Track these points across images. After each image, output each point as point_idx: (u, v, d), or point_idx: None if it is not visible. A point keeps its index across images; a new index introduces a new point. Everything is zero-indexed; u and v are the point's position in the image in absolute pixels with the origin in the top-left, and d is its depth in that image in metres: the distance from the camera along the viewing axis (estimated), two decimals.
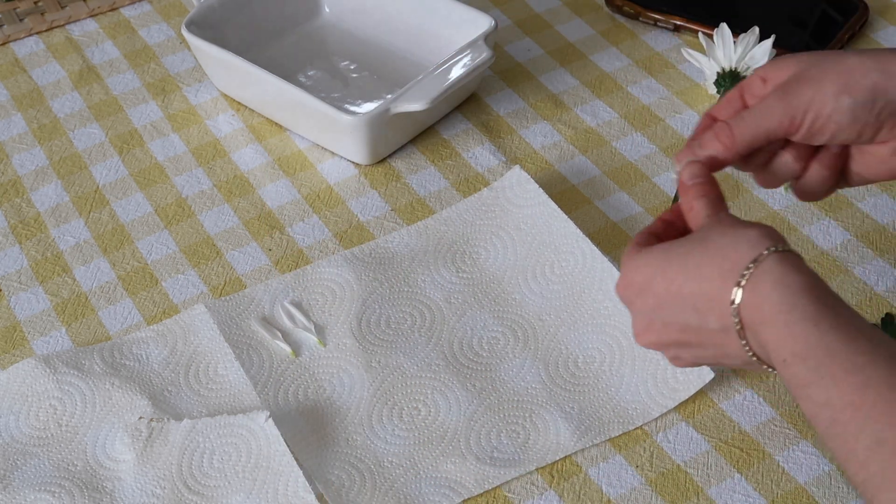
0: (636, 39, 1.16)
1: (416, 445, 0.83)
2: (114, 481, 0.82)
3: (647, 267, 0.70)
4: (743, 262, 0.66)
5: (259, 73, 1.02)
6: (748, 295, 0.65)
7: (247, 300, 0.92)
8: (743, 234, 0.67)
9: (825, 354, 0.62)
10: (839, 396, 0.62)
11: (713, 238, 0.68)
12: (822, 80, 0.72)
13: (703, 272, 0.67)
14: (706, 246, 0.68)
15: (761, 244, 0.66)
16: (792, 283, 0.64)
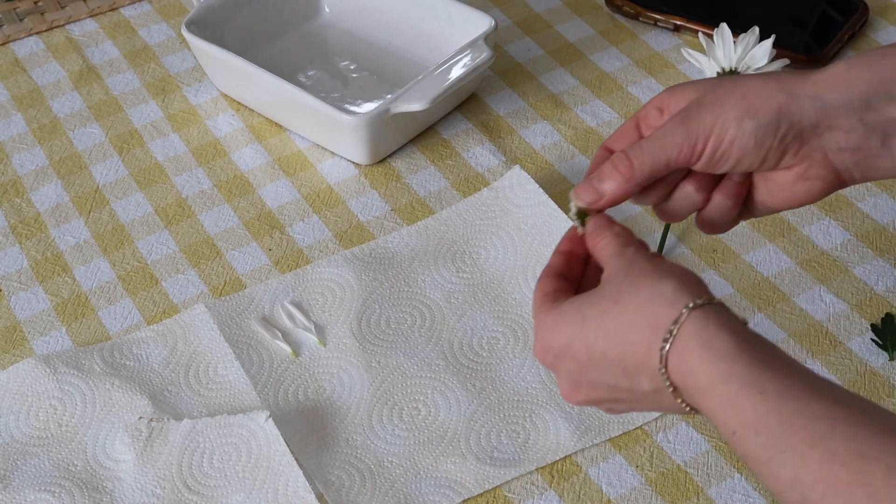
0: (636, 39, 1.16)
1: (416, 445, 0.83)
2: (114, 481, 0.82)
3: (561, 332, 0.65)
4: (664, 323, 0.61)
5: (259, 73, 1.02)
6: (676, 360, 0.61)
7: (247, 300, 0.92)
8: (658, 289, 0.62)
9: (779, 425, 0.57)
10: (807, 473, 0.56)
11: (628, 296, 0.63)
12: (723, 105, 0.68)
13: (626, 336, 0.63)
14: (622, 306, 0.63)
15: (679, 300, 0.61)
16: (721, 346, 0.59)
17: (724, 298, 0.92)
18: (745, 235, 0.97)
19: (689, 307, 0.61)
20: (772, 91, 0.68)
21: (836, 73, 0.69)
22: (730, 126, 0.68)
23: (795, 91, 0.68)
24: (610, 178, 0.69)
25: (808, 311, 0.91)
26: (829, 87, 0.68)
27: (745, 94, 0.68)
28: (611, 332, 0.63)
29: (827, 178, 0.70)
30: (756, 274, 0.94)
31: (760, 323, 0.90)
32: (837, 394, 0.58)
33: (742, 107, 0.68)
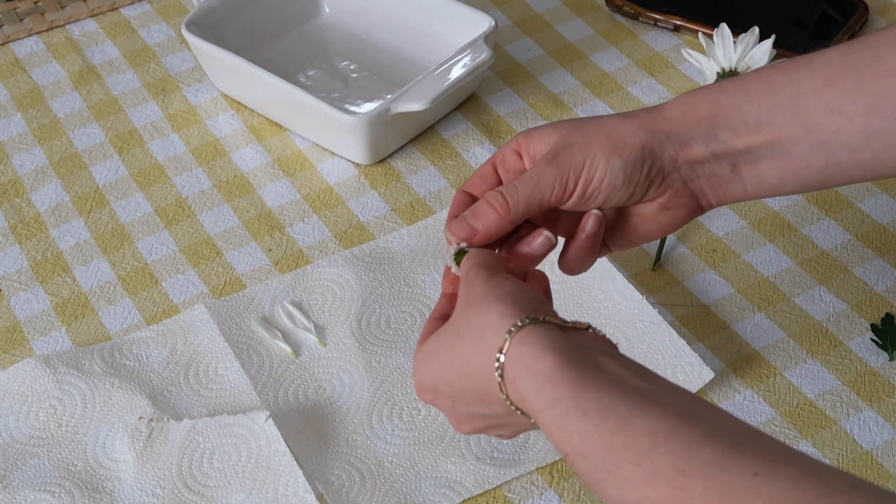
0: (636, 39, 1.16)
1: (416, 445, 0.83)
2: (114, 481, 0.82)
3: (427, 372, 0.67)
4: (492, 352, 0.61)
5: (259, 73, 1.02)
6: (511, 387, 0.61)
7: (247, 300, 0.92)
8: (486, 316, 0.63)
9: (603, 447, 0.57)
10: (632, 493, 0.56)
11: (465, 328, 0.64)
12: (591, 145, 0.71)
13: (470, 369, 0.63)
14: (462, 339, 0.64)
15: (502, 326, 0.61)
16: (545, 369, 0.59)
17: (724, 298, 0.92)
18: (745, 235, 0.97)
19: (511, 332, 0.61)
20: (633, 129, 0.72)
21: (684, 111, 0.72)
22: (599, 164, 0.71)
23: (653, 128, 0.72)
24: (485, 216, 0.70)
25: (808, 311, 0.91)
26: (680, 123, 0.72)
27: (609, 134, 0.71)
28: (458, 366, 0.64)
29: (688, 205, 0.74)
30: (756, 274, 0.94)
31: (760, 323, 0.90)
32: (665, 405, 0.57)
33: (609, 146, 0.71)
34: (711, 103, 0.73)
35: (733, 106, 0.72)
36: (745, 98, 0.72)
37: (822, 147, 0.71)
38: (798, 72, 0.72)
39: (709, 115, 0.72)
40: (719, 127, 0.72)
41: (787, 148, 0.72)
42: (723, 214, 0.98)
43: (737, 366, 0.88)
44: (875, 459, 0.82)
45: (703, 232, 0.97)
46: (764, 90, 0.72)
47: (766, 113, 0.72)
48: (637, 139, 0.72)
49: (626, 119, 0.72)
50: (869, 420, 0.84)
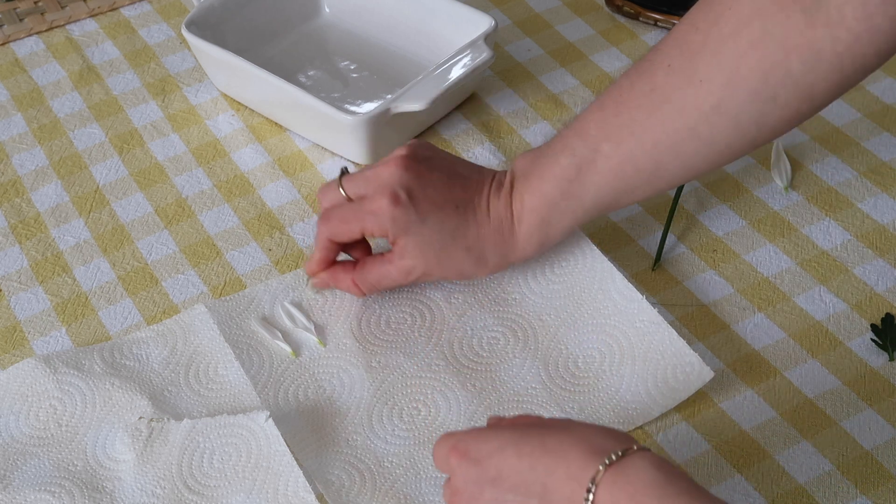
0: (636, 39, 1.16)
1: (417, 445, 0.83)
2: (114, 481, 0.82)
3: (499, 459, 0.69)
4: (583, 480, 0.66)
5: (259, 73, 1.02)
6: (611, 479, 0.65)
7: (247, 300, 0.92)
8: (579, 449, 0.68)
9: None
10: None
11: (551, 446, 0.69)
12: (445, 278, 0.89)
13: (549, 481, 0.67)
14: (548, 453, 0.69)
15: (596, 460, 0.67)
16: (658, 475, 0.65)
17: (724, 298, 0.92)
18: (745, 235, 0.97)
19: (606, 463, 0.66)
20: (486, 272, 0.89)
21: (535, 243, 0.88)
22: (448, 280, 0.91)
23: (503, 265, 0.89)
24: (342, 287, 0.91)
25: (808, 311, 0.91)
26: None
27: (461, 274, 0.88)
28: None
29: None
30: (756, 274, 0.94)
31: (760, 323, 0.90)
32: None
33: (459, 277, 0.89)
34: (563, 233, 0.88)
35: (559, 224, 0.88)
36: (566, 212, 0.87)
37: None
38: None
39: (558, 241, 0.90)
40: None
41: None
42: (723, 214, 0.98)
43: (737, 366, 0.88)
44: (875, 459, 0.82)
45: (703, 232, 0.97)
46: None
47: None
48: (484, 275, 0.89)
49: (479, 265, 0.87)
50: (869, 420, 0.84)
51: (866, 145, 1.04)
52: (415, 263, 0.87)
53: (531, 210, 0.86)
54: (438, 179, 0.87)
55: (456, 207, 0.86)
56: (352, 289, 0.90)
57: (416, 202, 0.85)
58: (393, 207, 0.85)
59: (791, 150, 1.03)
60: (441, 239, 0.86)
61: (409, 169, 0.86)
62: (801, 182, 1.01)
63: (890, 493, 0.80)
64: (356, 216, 0.87)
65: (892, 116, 1.07)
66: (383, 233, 0.86)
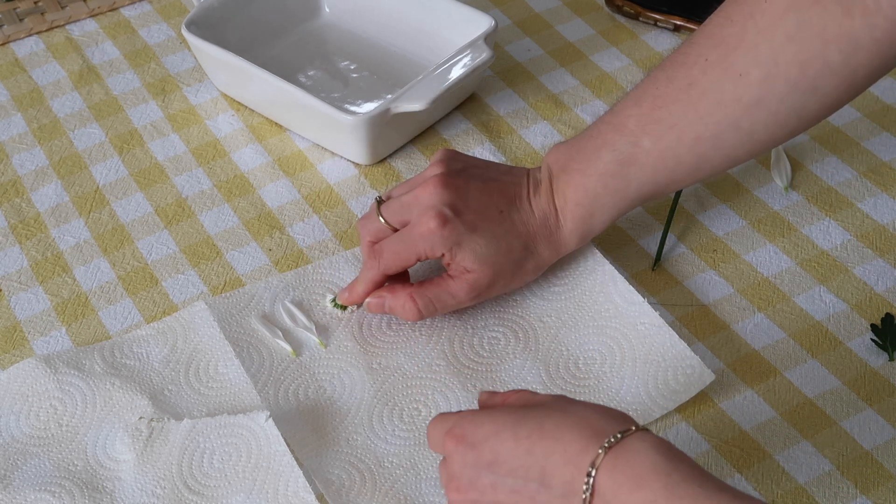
0: (636, 39, 1.16)
1: (417, 446, 0.83)
2: (114, 481, 0.82)
3: (496, 443, 0.69)
4: (583, 463, 0.66)
5: (259, 73, 1.02)
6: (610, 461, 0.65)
7: (247, 297, 0.92)
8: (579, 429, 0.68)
9: None
10: None
11: (548, 428, 0.68)
12: (508, 287, 0.90)
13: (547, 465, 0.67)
14: (545, 436, 0.68)
15: (596, 441, 0.66)
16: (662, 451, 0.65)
17: (724, 298, 0.92)
18: (745, 235, 0.97)
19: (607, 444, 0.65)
20: (547, 259, 0.90)
21: (582, 231, 0.89)
22: (508, 290, 0.90)
23: (559, 249, 0.90)
24: (398, 313, 0.88)
25: (808, 311, 0.91)
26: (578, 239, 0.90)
27: (525, 276, 0.89)
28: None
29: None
30: (756, 274, 0.94)
31: (760, 323, 0.90)
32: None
33: (524, 282, 0.90)
34: (607, 223, 0.89)
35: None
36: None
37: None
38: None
39: (600, 232, 0.90)
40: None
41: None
42: (723, 214, 0.98)
43: (737, 366, 0.88)
44: (875, 459, 0.82)
45: (703, 232, 0.97)
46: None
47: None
48: (538, 274, 0.90)
49: (537, 262, 0.88)
50: (869, 420, 0.84)
51: (866, 145, 1.04)
52: (478, 276, 0.86)
53: (576, 204, 0.87)
54: (476, 189, 0.87)
55: (500, 212, 0.87)
56: (408, 305, 0.87)
57: (461, 216, 0.85)
58: (442, 228, 0.85)
59: (791, 150, 1.03)
60: (496, 245, 0.86)
61: (447, 186, 0.86)
62: (801, 182, 1.01)
63: (890, 493, 0.80)
64: (407, 246, 0.86)
65: (892, 116, 1.07)
66: (436, 254, 0.86)
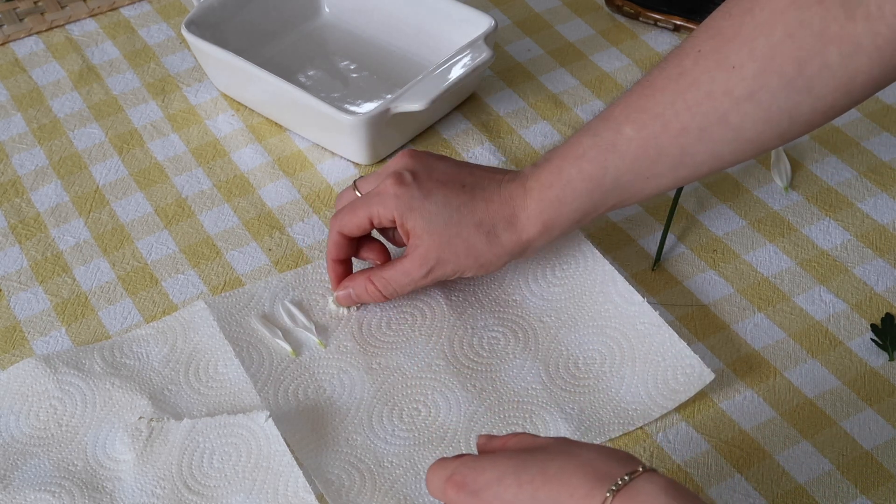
0: (636, 39, 1.16)
1: (417, 446, 0.83)
2: (114, 481, 0.82)
3: (499, 489, 0.66)
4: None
5: (259, 73, 1.02)
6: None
7: (247, 297, 0.92)
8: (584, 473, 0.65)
9: None
10: None
11: (553, 473, 0.66)
12: (462, 267, 0.87)
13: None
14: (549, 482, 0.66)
15: (603, 485, 0.64)
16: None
17: (724, 298, 0.92)
18: (745, 235, 0.97)
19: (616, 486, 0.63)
20: (500, 256, 0.86)
21: (548, 232, 0.86)
22: (465, 275, 0.87)
23: (518, 254, 0.87)
24: (364, 297, 0.90)
25: (808, 311, 0.91)
26: (544, 242, 0.87)
27: (478, 259, 0.86)
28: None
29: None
30: (756, 274, 0.94)
31: (760, 323, 0.90)
32: None
33: (476, 266, 0.86)
34: (575, 218, 0.86)
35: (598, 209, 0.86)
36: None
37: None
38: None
39: (573, 225, 0.87)
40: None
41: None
42: (723, 214, 0.98)
43: (737, 366, 0.88)
44: (875, 459, 0.82)
45: (703, 232, 0.97)
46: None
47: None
48: (502, 262, 0.87)
49: (492, 244, 0.85)
50: (869, 420, 0.84)
51: (866, 145, 1.04)
52: (426, 248, 0.85)
53: (546, 186, 0.85)
54: (445, 165, 0.87)
55: (462, 186, 0.86)
56: (369, 288, 0.88)
57: (419, 181, 0.85)
58: (397, 186, 0.85)
59: (791, 150, 1.03)
60: (447, 214, 0.85)
61: (414, 156, 0.87)
62: (801, 182, 1.01)
63: (890, 493, 0.80)
64: (363, 203, 0.87)
65: (892, 116, 1.07)
66: (389, 214, 0.85)
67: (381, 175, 0.88)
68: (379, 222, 0.86)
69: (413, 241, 0.86)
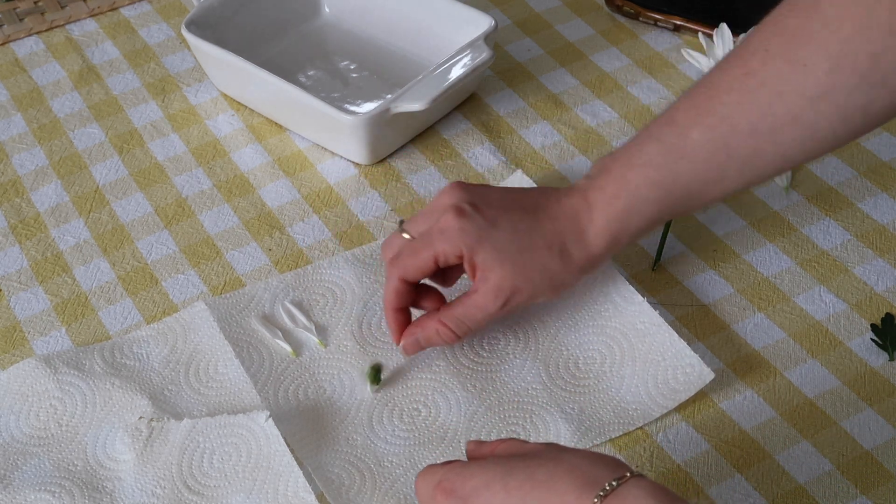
0: (636, 39, 1.16)
1: (417, 446, 0.83)
2: (114, 481, 0.82)
3: (487, 497, 0.66)
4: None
5: (259, 73, 1.02)
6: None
7: (247, 298, 0.92)
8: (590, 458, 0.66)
9: None
10: None
11: (541, 478, 0.66)
12: (536, 293, 0.83)
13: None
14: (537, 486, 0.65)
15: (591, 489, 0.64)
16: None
17: (724, 298, 0.92)
18: (745, 235, 0.97)
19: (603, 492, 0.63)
20: (574, 274, 0.83)
21: (615, 245, 0.83)
22: (540, 300, 0.84)
23: (590, 269, 0.84)
24: (434, 342, 0.85)
25: (808, 311, 0.91)
26: (609, 255, 0.84)
27: (552, 281, 0.82)
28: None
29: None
30: (756, 274, 0.94)
31: (760, 323, 0.90)
32: None
33: (552, 290, 0.83)
34: (643, 228, 0.83)
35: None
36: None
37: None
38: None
39: (640, 235, 0.84)
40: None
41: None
42: (723, 214, 0.98)
43: (737, 366, 0.88)
44: (875, 459, 0.82)
45: (703, 232, 0.97)
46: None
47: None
48: (575, 281, 0.84)
49: (566, 263, 0.82)
50: (869, 420, 0.84)
51: (866, 145, 1.04)
52: (500, 278, 0.81)
53: (613, 196, 0.81)
54: (497, 192, 0.84)
55: (524, 209, 0.82)
56: (441, 331, 0.83)
57: (481, 210, 0.81)
58: (460, 219, 0.80)
59: None
60: (517, 240, 0.81)
61: (464, 188, 0.83)
62: (801, 182, 1.01)
63: (890, 493, 0.80)
64: (425, 243, 0.82)
65: None
66: (456, 250, 0.81)
67: (435, 212, 0.83)
68: (445, 261, 0.82)
69: (483, 273, 0.81)
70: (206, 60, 1.08)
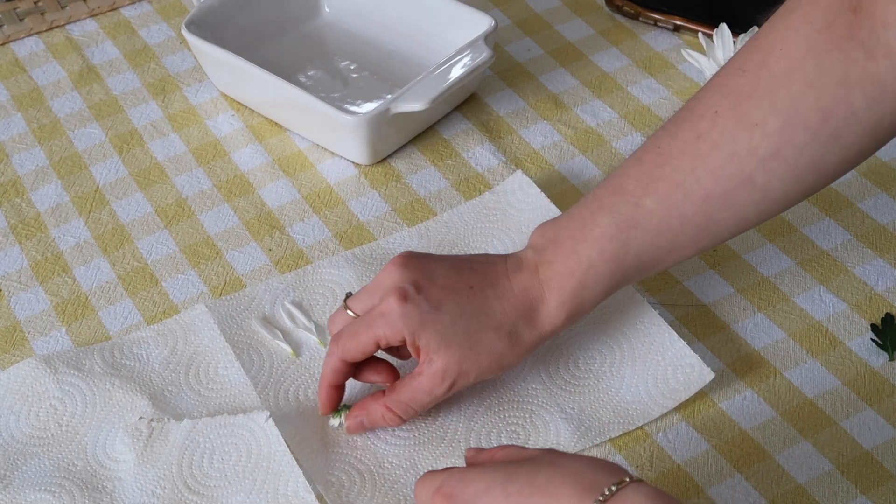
0: (636, 39, 1.16)
1: (417, 446, 0.83)
2: (114, 481, 0.82)
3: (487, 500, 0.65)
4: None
5: (259, 73, 1.02)
6: None
7: (247, 300, 0.92)
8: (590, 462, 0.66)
9: None
10: None
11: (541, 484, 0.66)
12: (482, 372, 0.80)
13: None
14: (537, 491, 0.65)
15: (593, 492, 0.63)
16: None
17: (724, 298, 0.92)
18: (745, 235, 0.97)
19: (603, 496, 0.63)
20: (520, 354, 0.81)
21: (559, 323, 0.81)
22: (488, 376, 0.81)
23: (535, 347, 0.81)
24: (379, 424, 0.82)
25: (808, 311, 0.91)
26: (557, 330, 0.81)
27: (499, 361, 0.80)
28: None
29: None
30: (756, 274, 0.94)
31: (760, 323, 0.90)
32: None
33: (498, 368, 0.80)
34: (597, 300, 0.81)
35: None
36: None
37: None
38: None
39: (594, 306, 0.82)
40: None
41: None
42: None
43: (737, 366, 0.88)
44: (875, 459, 0.82)
45: None
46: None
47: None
48: (523, 359, 0.82)
49: (515, 344, 0.80)
50: (869, 420, 0.84)
51: None
52: (445, 362, 0.78)
53: (567, 274, 0.79)
54: (443, 266, 0.81)
55: (471, 288, 0.79)
56: (387, 416, 0.81)
57: (425, 292, 0.78)
58: (401, 304, 0.78)
59: None
60: (464, 323, 0.78)
61: (408, 265, 0.80)
62: None
63: (890, 493, 0.80)
64: (366, 325, 0.79)
65: None
66: (398, 335, 0.78)
67: (377, 291, 0.80)
68: (387, 343, 0.79)
69: (427, 356, 0.79)
70: (206, 60, 1.08)
